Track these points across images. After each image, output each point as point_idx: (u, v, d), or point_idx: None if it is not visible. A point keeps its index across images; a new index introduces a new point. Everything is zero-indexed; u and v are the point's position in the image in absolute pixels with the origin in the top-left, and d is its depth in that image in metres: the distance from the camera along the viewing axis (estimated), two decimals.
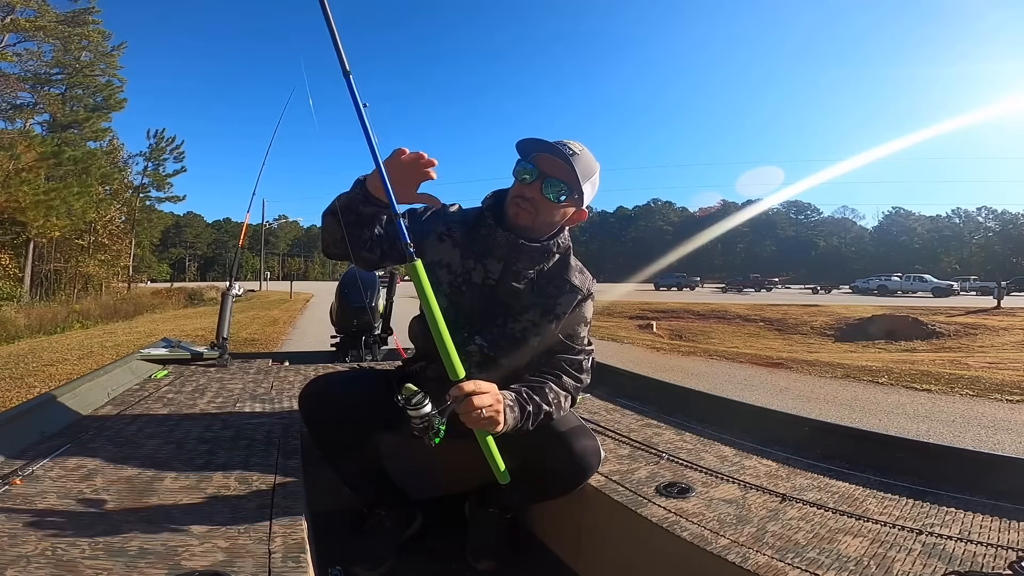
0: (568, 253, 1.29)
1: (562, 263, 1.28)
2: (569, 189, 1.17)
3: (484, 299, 1.26)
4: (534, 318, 1.25)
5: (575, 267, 1.29)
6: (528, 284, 1.25)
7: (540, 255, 1.24)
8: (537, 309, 1.25)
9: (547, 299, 1.26)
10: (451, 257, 1.26)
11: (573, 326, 1.27)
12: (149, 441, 1.42)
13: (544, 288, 1.26)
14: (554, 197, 1.17)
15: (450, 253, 1.26)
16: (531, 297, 1.25)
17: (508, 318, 1.26)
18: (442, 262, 1.26)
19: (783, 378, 6.73)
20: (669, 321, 17.20)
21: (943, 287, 31.37)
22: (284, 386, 2.10)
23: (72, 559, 0.85)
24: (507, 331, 1.26)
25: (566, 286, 1.26)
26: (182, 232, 78.04)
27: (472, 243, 1.26)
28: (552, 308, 1.26)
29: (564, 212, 1.22)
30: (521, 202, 1.19)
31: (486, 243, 1.24)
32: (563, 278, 1.27)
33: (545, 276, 1.27)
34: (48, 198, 18.41)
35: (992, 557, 0.91)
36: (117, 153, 27.74)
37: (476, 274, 1.25)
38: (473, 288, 1.25)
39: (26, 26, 19.37)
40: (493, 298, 1.26)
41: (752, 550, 0.94)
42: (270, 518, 1.02)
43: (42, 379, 5.88)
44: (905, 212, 74.69)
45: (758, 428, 1.57)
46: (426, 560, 1.38)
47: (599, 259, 77.34)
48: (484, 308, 1.26)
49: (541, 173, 1.17)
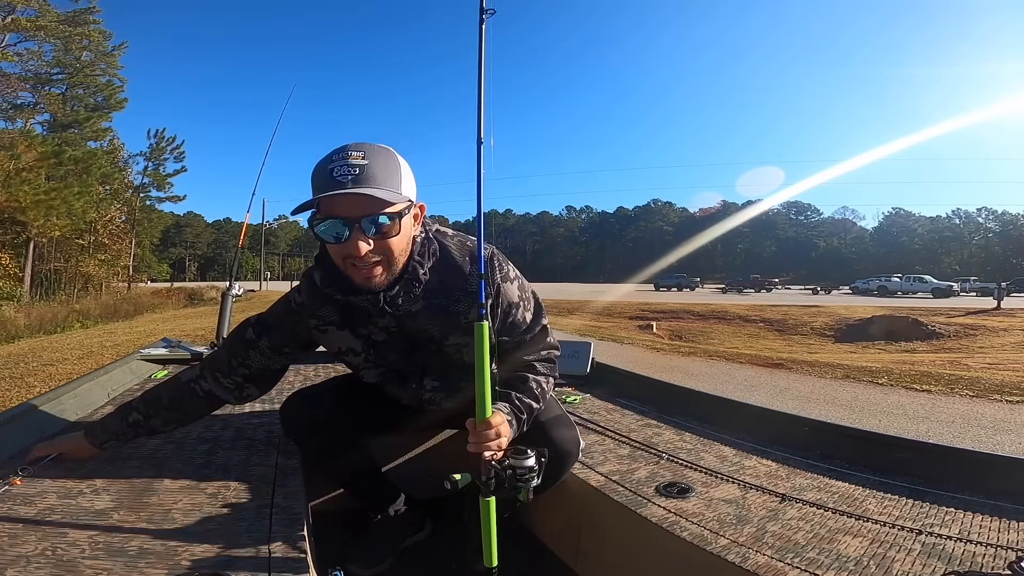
0: (441, 254, 1.11)
1: (444, 270, 1.10)
2: (386, 212, 0.96)
3: (402, 350, 1.17)
4: (458, 339, 1.14)
5: (455, 265, 1.11)
6: (425, 313, 1.11)
7: (411, 285, 1.07)
8: (455, 330, 1.13)
9: (456, 316, 1.12)
10: (345, 340, 1.16)
11: (505, 320, 1.14)
12: (149, 441, 1.42)
13: (445, 307, 1.12)
14: (378, 231, 0.97)
15: (340, 336, 1.15)
16: (440, 321, 1.13)
17: (438, 346, 1.16)
18: (342, 349, 1.17)
19: (783, 379, 6.72)
20: (669, 321, 17.19)
21: (943, 288, 31.34)
22: (284, 386, 2.09)
23: (72, 559, 0.85)
24: (444, 358, 1.17)
25: (460, 295, 1.11)
26: (182, 232, 78.02)
27: (348, 314, 1.13)
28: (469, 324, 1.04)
29: (407, 229, 1.02)
30: (357, 266, 0.99)
31: (357, 311, 1.11)
32: (452, 287, 1.11)
33: (436, 294, 1.11)
34: (48, 198, 18.42)
35: (992, 557, 0.91)
36: (117, 153, 27.79)
37: (377, 335, 1.15)
38: (384, 347, 1.16)
39: (27, 26, 19.40)
40: (409, 343, 1.16)
41: (752, 550, 0.95)
42: (270, 518, 1.02)
43: (42, 379, 5.88)
44: (905, 213, 74.72)
45: (758, 428, 1.57)
46: (425, 560, 1.38)
47: (599, 259, 77.47)
48: (409, 354, 1.18)
49: (347, 220, 0.95)
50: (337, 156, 0.96)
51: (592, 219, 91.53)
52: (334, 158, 0.96)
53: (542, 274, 62.38)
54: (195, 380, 1.21)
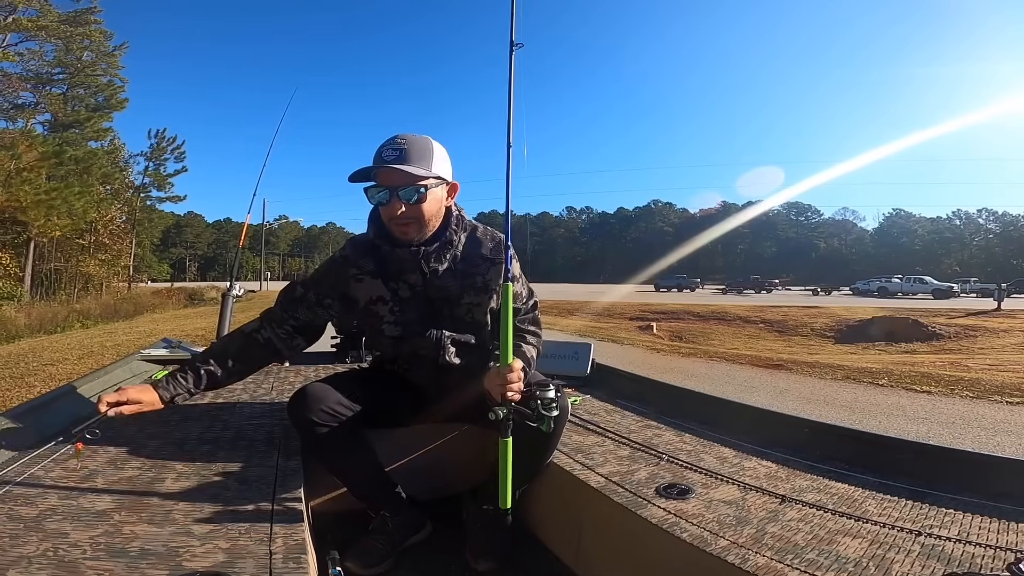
0: (470, 228, 1.39)
1: (470, 242, 1.38)
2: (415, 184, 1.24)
3: (421, 306, 1.37)
4: (472, 299, 1.38)
5: (483, 239, 1.39)
6: (449, 275, 1.35)
7: (444, 248, 1.33)
8: (470, 291, 1.37)
9: (473, 278, 1.37)
10: (377, 289, 1.36)
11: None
12: (149, 442, 1.43)
13: (466, 270, 1.37)
14: (415, 199, 1.25)
15: (373, 286, 1.36)
16: (459, 283, 1.36)
17: (452, 309, 1.37)
18: (373, 298, 1.37)
19: (783, 379, 6.72)
20: (669, 322, 17.19)
21: (943, 289, 31.35)
22: (284, 386, 2.10)
23: (73, 559, 0.85)
24: (455, 319, 1.38)
25: (483, 261, 1.37)
26: (183, 232, 78.06)
27: (384, 267, 1.35)
28: (484, 284, 1.37)
29: (437, 199, 1.30)
30: (398, 222, 1.27)
31: (394, 263, 1.34)
32: (477, 255, 1.37)
33: (462, 260, 1.36)
34: (49, 198, 18.42)
35: (991, 558, 0.91)
36: (118, 153, 27.73)
37: (403, 291, 1.36)
38: (407, 303, 1.36)
39: (28, 26, 19.40)
40: (429, 301, 1.37)
41: (751, 551, 0.95)
42: (271, 519, 1.02)
43: (42, 379, 5.88)
44: (905, 214, 74.75)
45: (758, 429, 1.57)
46: (425, 560, 1.38)
47: (599, 260, 77.44)
48: (427, 312, 1.37)
49: (389, 189, 1.25)
50: (388, 141, 1.25)
51: (592, 220, 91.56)
52: (386, 142, 1.25)
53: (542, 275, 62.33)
54: (256, 331, 1.42)
